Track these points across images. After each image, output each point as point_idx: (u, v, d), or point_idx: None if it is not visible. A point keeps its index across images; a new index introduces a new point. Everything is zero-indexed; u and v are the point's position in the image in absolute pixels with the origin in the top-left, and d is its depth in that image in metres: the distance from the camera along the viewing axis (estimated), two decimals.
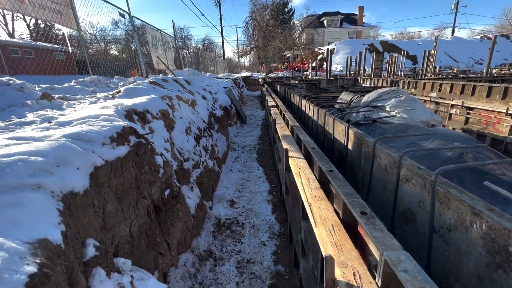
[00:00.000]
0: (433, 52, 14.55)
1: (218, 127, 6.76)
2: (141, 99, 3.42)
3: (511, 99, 6.17)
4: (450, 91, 8.05)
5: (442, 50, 30.67)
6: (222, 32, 39.83)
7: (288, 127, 3.41)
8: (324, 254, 1.02)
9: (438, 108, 8.59)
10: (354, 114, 7.36)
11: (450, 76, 16.98)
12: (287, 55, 47.38)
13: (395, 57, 16.71)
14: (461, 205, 1.20)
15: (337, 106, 8.86)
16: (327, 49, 18.95)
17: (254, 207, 4.51)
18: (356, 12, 49.88)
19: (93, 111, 2.31)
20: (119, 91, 3.97)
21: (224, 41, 40.33)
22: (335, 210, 1.37)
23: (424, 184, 1.44)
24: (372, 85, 12.92)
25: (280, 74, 28.75)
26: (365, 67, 19.23)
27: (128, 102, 3.12)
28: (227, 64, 40.75)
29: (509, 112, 6.15)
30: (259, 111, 14.04)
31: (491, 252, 1.04)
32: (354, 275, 0.91)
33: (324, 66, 19.42)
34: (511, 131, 6.21)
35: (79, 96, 3.76)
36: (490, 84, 6.78)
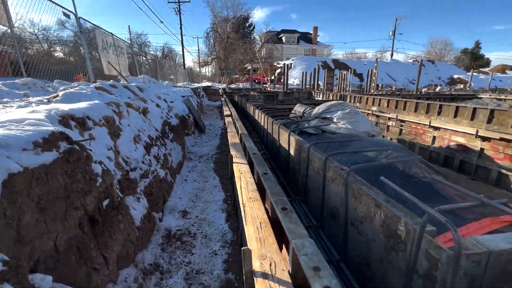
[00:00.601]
0: (374, 71, 16.44)
1: (173, 136, 6.58)
2: (82, 105, 3.20)
3: (433, 114, 7.25)
4: (387, 106, 9.13)
5: (383, 70, 34.70)
6: (182, 41, 39.31)
7: (237, 135, 3.51)
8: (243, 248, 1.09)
9: (379, 120, 9.66)
10: (306, 125, 7.85)
11: (389, 93, 19.28)
12: (248, 67, 48.64)
13: (344, 74, 18.37)
14: (368, 199, 1.39)
15: (291, 116, 9.36)
16: (284, 64, 20.00)
17: (207, 216, 4.45)
18: (311, 32, 53.80)
19: (19, 115, 2.10)
20: (57, 96, 3.66)
21: (185, 50, 39.78)
22: (266, 209, 1.47)
23: (343, 182, 1.63)
24: (324, 99, 13.96)
25: (241, 85, 29.28)
26: (319, 82, 20.70)
27: (65, 107, 2.89)
28: (187, 73, 40.05)
29: (431, 124, 7.23)
30: (219, 121, 14.02)
31: (387, 237, 1.23)
32: (270, 265, 1.00)
33: (283, 79, 20.46)
34: (433, 141, 7.27)
35: (5, 100, 3.35)
36: (417, 101, 7.89)
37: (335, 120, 7.10)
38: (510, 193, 5.30)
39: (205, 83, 34.21)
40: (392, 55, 45.03)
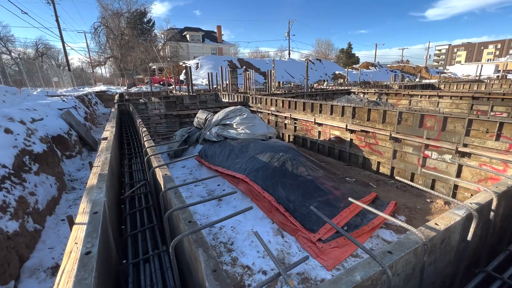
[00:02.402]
0: (273, 71, 17.90)
1: (40, 167, 5.25)
2: None
3: (316, 112, 8.40)
4: (282, 106, 10.03)
5: (283, 68, 38.41)
6: (61, 35, 32.43)
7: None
8: None
9: (277, 119, 10.53)
10: (208, 133, 7.74)
11: (289, 89, 21.49)
12: (153, 67, 44.78)
13: (249, 73, 19.21)
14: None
15: (195, 124, 9.07)
16: (185, 64, 19.26)
17: None
18: (216, 30, 53.98)
19: None
20: None
21: (68, 47, 32.97)
22: None
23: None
24: (230, 100, 14.21)
25: (144, 88, 26.63)
26: (226, 82, 20.95)
27: None
28: (73, 76, 33.47)
29: (316, 121, 8.37)
30: None
31: None
32: None
33: (186, 81, 19.66)
34: (319, 135, 8.45)
35: None
36: (304, 100, 8.97)
37: (234, 126, 7.26)
38: (373, 173, 6.70)
39: (99, 87, 29.38)
40: (289, 54, 50.33)
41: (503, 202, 1.90)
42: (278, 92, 17.65)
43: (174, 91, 21.08)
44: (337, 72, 42.19)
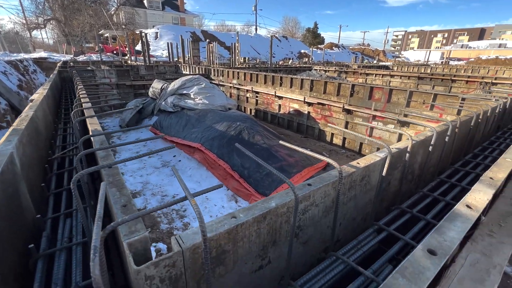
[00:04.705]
0: (237, 44, 17.28)
1: None
2: None
3: (277, 85, 8.40)
4: (244, 79, 9.83)
5: (249, 44, 37.35)
6: None
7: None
8: None
9: (239, 93, 10.34)
10: (163, 103, 7.30)
11: (255, 64, 21.11)
12: (105, 35, 39.95)
13: (212, 46, 18.28)
14: None
15: (150, 94, 8.47)
16: (141, 32, 17.60)
17: None
18: None
19: None
20: None
21: None
22: None
23: None
24: (191, 73, 13.48)
25: (94, 57, 23.88)
26: (188, 54, 19.73)
27: None
28: (3, 38, 28.56)
29: (276, 94, 8.40)
30: None
31: None
32: None
33: (142, 50, 17.98)
34: (279, 109, 8.55)
35: None
36: (265, 73, 8.88)
37: (192, 96, 6.94)
38: (327, 144, 7.06)
39: (39, 54, 25.56)
40: (256, 29, 48.86)
41: (421, 151, 2.11)
42: (242, 67, 17.24)
43: (129, 61, 19.28)
44: (302, 51, 42.46)
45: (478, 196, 1.28)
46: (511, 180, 1.74)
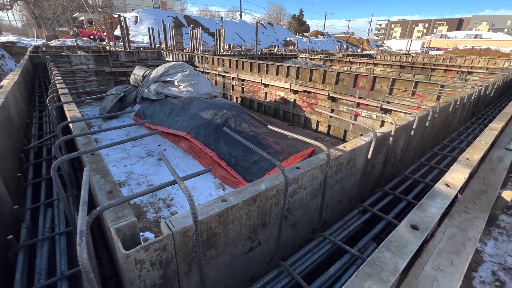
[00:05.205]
0: (222, 30, 16.80)
1: None
2: None
3: (263, 73, 8.32)
4: (230, 66, 9.64)
5: (233, 30, 36.43)
6: None
7: None
8: None
9: (225, 80, 10.15)
10: (146, 90, 7.04)
11: (240, 51, 20.70)
12: (80, 18, 37.43)
13: (195, 32, 17.65)
14: None
15: (132, 82, 8.14)
16: (119, 16, 16.67)
17: None
18: None
19: None
20: None
21: None
22: None
23: None
24: (174, 59, 13.03)
25: (69, 42, 22.46)
26: (171, 40, 18.98)
27: None
28: None
29: (262, 82, 8.33)
30: None
31: None
32: None
33: (122, 35, 17.01)
34: (265, 97, 8.51)
35: None
36: (251, 61, 8.75)
37: (176, 83, 6.73)
38: (312, 132, 7.15)
39: (8, 37, 23.66)
40: (241, 15, 47.64)
41: (403, 135, 2.19)
42: (228, 54, 16.85)
43: (108, 47, 18.31)
44: (288, 39, 42.04)
45: (456, 176, 1.35)
46: (484, 161, 1.85)
